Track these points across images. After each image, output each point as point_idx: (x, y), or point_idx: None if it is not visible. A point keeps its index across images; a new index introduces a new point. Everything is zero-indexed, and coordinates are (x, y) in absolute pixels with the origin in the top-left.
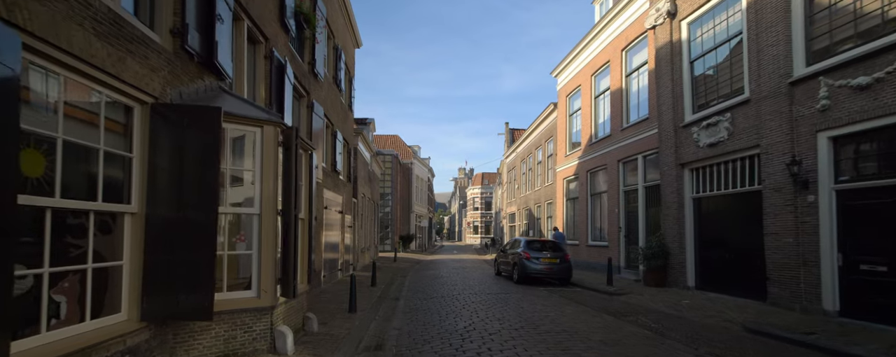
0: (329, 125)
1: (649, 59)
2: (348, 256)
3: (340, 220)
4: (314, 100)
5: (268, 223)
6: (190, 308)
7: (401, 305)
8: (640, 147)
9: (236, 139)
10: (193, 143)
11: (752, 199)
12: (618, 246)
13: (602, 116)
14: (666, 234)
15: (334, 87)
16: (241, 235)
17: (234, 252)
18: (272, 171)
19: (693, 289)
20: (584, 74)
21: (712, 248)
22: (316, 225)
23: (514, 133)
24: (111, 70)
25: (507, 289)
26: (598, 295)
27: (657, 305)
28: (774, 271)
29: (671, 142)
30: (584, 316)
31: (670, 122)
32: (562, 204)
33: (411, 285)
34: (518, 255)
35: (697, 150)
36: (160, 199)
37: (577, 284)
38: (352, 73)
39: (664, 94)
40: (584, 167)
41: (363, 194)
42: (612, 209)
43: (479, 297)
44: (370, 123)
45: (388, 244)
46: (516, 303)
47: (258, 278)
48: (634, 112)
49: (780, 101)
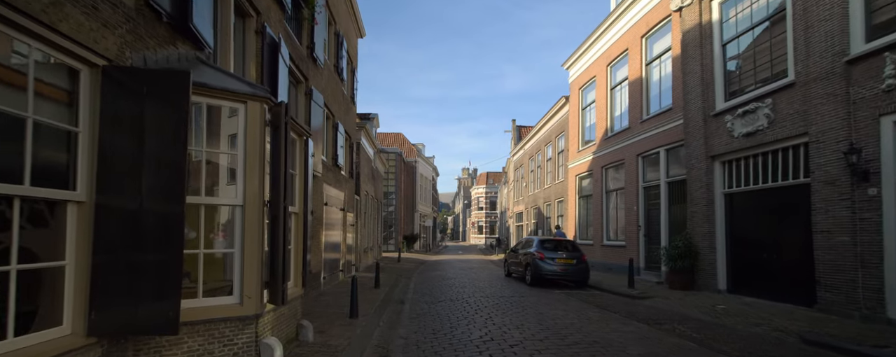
0: (330, 116)
1: (673, 44)
2: (350, 256)
3: (342, 218)
4: (313, 87)
5: (252, 217)
6: (151, 319)
7: (406, 310)
8: (663, 140)
9: (215, 117)
10: (156, 116)
11: (796, 194)
12: (637, 246)
13: (619, 109)
14: (693, 233)
15: (335, 76)
16: (219, 231)
17: (211, 251)
18: (258, 155)
19: (724, 292)
20: (599, 65)
21: (747, 248)
22: (313, 221)
23: (521, 130)
24: (42, 17)
25: (521, 291)
26: (621, 298)
27: (689, 311)
28: (826, 274)
29: (700, 133)
30: (613, 323)
31: (699, 111)
32: (574, 202)
33: (417, 287)
34: (531, 255)
35: (731, 140)
36: (114, 185)
37: (594, 287)
38: (354, 64)
39: (692, 82)
40: (598, 163)
41: (366, 192)
42: (630, 207)
43: (491, 301)
44: (374, 118)
45: (392, 244)
46: (534, 307)
47: (241, 282)
48: (655, 103)
49: (833, 82)
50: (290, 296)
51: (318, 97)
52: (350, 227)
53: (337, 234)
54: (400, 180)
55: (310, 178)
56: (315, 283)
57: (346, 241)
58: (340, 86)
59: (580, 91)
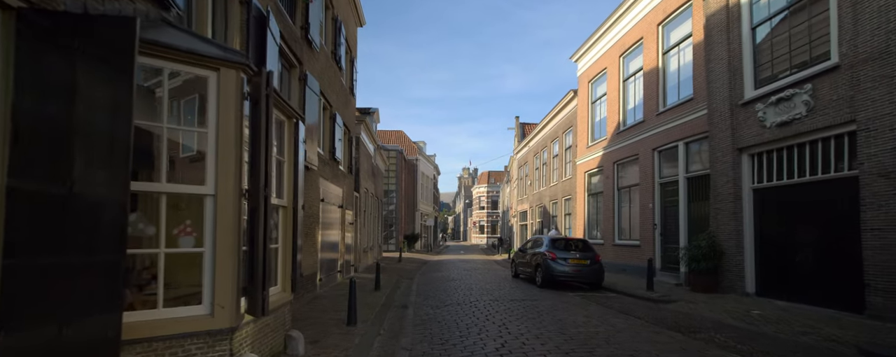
0: (327, 106)
1: (694, 31)
2: (349, 256)
3: (340, 216)
4: (307, 72)
5: (227, 209)
6: (82, 339)
7: (410, 315)
8: (682, 132)
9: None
10: (92, 76)
11: (839, 188)
12: (652, 245)
13: (632, 101)
14: (718, 232)
15: (333, 64)
16: (185, 226)
17: (175, 250)
18: (233, 134)
19: (753, 295)
20: (611, 56)
21: (778, 248)
22: (307, 218)
23: (525, 127)
24: None
25: (532, 294)
26: (642, 302)
27: (721, 316)
28: (877, 276)
29: (726, 123)
30: (644, 332)
31: (725, 100)
32: (582, 199)
33: (420, 289)
34: (541, 255)
35: (762, 131)
36: (35, 164)
37: (609, 289)
38: (354, 53)
39: (717, 69)
40: (610, 158)
41: (366, 189)
42: (645, 204)
43: (502, 305)
44: (374, 113)
45: (393, 244)
46: (550, 313)
47: (212, 288)
48: (673, 94)
49: (888, 63)
50: (276, 303)
51: (314, 83)
52: (349, 226)
53: (335, 232)
54: (401, 178)
55: (300, 168)
56: (310, 286)
57: (344, 240)
58: (339, 75)
59: (590, 84)
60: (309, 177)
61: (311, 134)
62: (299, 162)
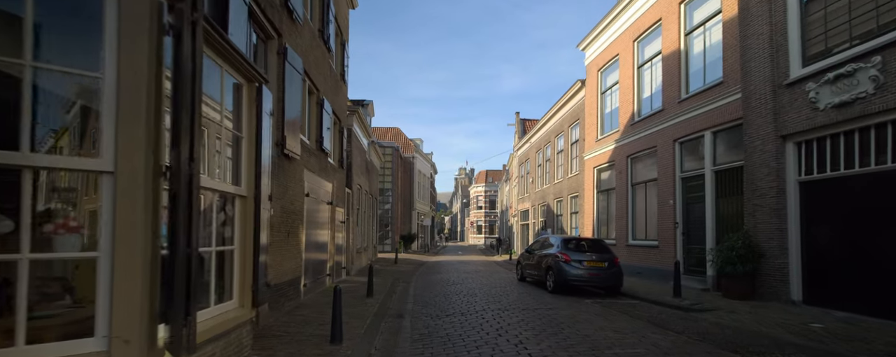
0: (313, 90)
1: (724, 6)
2: (340, 257)
3: (330, 214)
4: (288, 45)
5: (133, 193)
6: None
7: (407, 328)
8: (709, 121)
9: (58, 8)
10: None
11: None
12: (673, 246)
13: (649, 89)
14: (756, 231)
15: (321, 44)
16: (67, 220)
17: (45, 256)
18: (144, 82)
19: (800, 304)
20: (624, 41)
21: (831, 249)
22: (288, 214)
23: (526, 124)
24: None
25: (545, 301)
26: (672, 311)
27: (774, 331)
28: None
29: (767, 107)
30: (695, 353)
31: (766, 80)
32: (591, 197)
33: (418, 295)
34: (553, 257)
35: (813, 114)
36: None
37: (628, 294)
38: (345, 36)
39: (756, 45)
40: (622, 152)
41: (359, 185)
42: (664, 201)
43: (513, 316)
44: (368, 105)
45: (389, 244)
46: (571, 325)
47: (108, 312)
48: (698, 78)
49: None
50: (229, 323)
51: (296, 60)
52: (340, 225)
53: (324, 232)
54: (397, 177)
55: (266, 147)
56: (292, 293)
57: (334, 240)
58: (327, 57)
59: (599, 73)
60: (291, 167)
61: (293, 118)
62: (264, 139)
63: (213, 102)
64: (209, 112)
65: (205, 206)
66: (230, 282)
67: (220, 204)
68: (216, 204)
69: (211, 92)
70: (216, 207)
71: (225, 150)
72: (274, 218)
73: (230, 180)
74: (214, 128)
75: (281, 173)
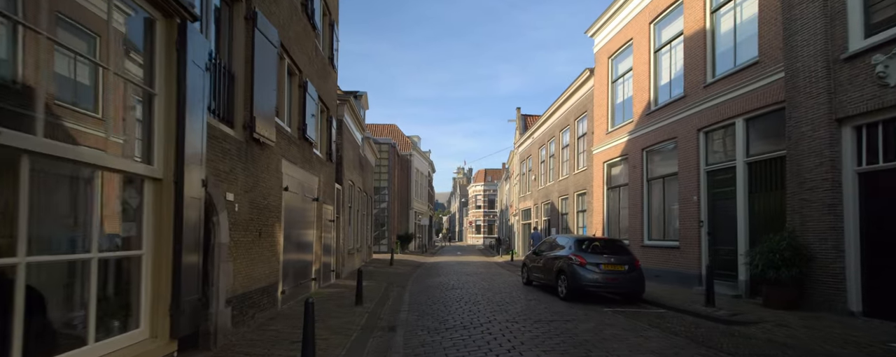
0: (294, 70)
1: None
2: (329, 259)
3: (315, 211)
4: (258, 10)
5: None
6: None
7: (399, 346)
8: (741, 106)
9: None
10: None
11: None
12: (697, 247)
13: (667, 75)
14: (803, 230)
15: (304, 20)
16: None
17: None
18: None
19: (860, 315)
20: (638, 24)
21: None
22: (260, 210)
23: (527, 119)
24: None
25: (559, 310)
26: (709, 324)
27: (848, 351)
28: None
29: (819, 86)
30: None
31: (817, 55)
32: (601, 194)
33: (414, 302)
34: (565, 260)
35: (881, 92)
36: None
37: (650, 302)
38: (334, 16)
39: (805, 14)
40: (636, 145)
41: (351, 182)
42: (687, 197)
43: (524, 329)
44: (361, 96)
45: (385, 244)
46: (598, 344)
47: None
48: (727, 59)
49: None
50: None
51: (271, 31)
52: (328, 224)
53: (308, 231)
54: (393, 175)
55: (195, 113)
56: (266, 302)
57: (321, 240)
58: (312, 36)
59: (610, 60)
60: (263, 155)
61: (266, 97)
62: (192, 101)
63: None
64: (85, 44)
65: (80, 190)
66: (136, 302)
67: (117, 191)
68: (112, 190)
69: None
70: (112, 195)
71: (131, 114)
72: (240, 214)
73: (138, 156)
74: (102, 73)
75: (249, 161)
